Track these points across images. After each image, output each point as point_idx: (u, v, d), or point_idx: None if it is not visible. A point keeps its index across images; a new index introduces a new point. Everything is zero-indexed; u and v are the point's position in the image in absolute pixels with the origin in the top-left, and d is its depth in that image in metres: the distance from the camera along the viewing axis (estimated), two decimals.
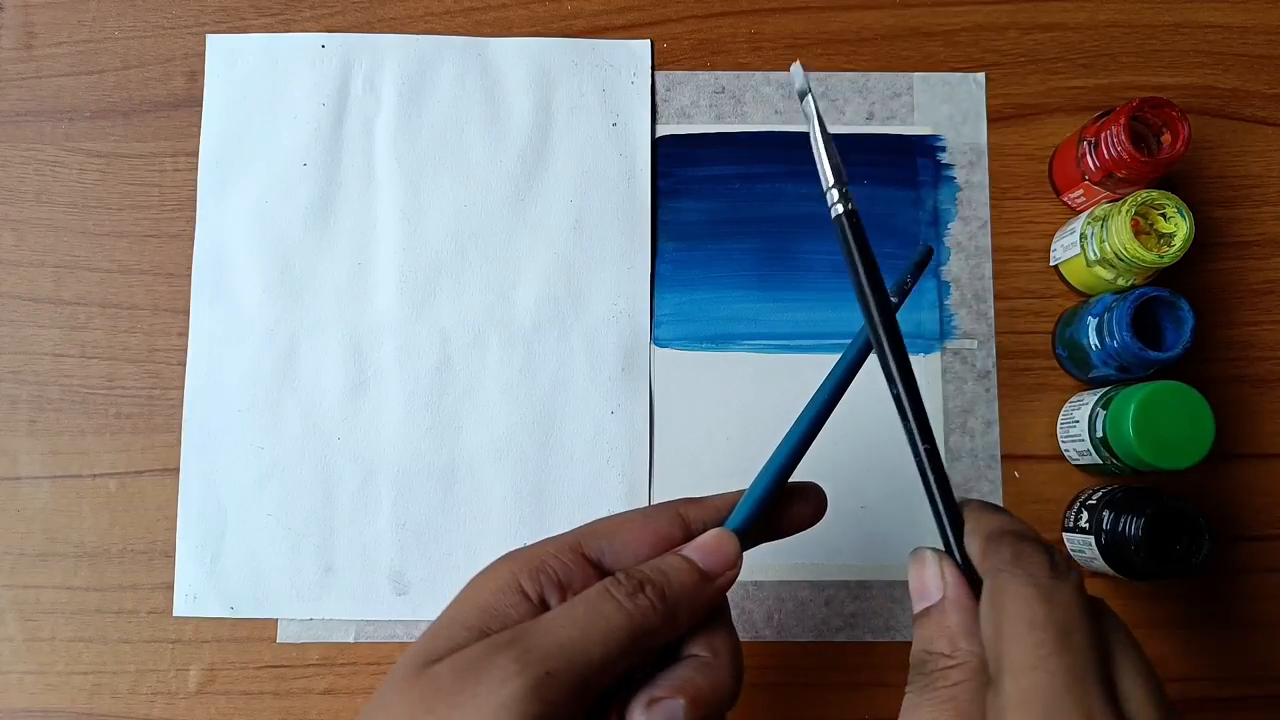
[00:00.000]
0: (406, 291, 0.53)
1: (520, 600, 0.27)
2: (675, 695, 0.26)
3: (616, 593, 0.27)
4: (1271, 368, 0.53)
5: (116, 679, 0.51)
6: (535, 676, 0.24)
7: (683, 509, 0.30)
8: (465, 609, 0.28)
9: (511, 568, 0.28)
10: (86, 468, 0.53)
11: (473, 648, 0.25)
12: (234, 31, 0.56)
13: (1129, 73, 0.55)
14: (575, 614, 0.26)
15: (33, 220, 0.54)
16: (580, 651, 0.25)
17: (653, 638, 0.27)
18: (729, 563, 0.29)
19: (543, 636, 0.25)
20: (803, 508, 0.32)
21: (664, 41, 0.56)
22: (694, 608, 0.28)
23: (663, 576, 0.28)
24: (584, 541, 0.29)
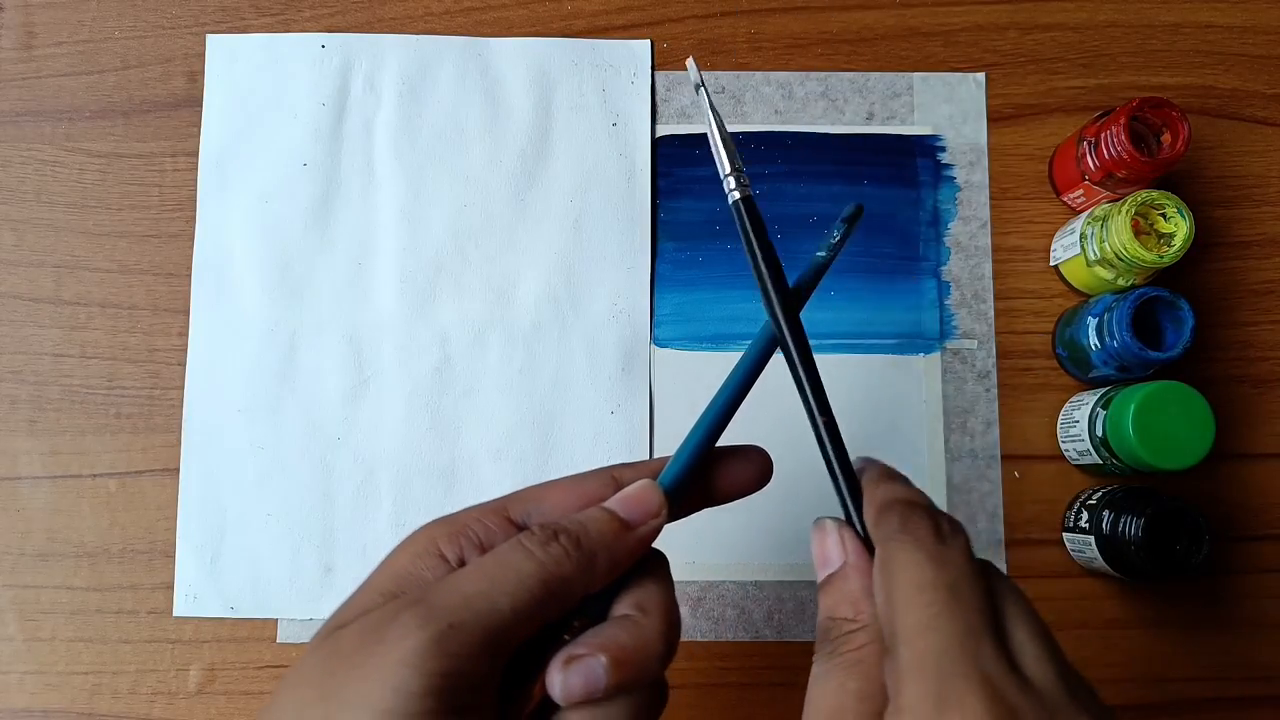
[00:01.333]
0: (406, 291, 0.53)
1: (438, 563, 0.26)
2: (596, 653, 0.25)
3: (528, 543, 0.26)
4: (1271, 368, 0.53)
5: (116, 679, 0.51)
6: (438, 629, 0.23)
7: (616, 472, 0.30)
8: (381, 575, 0.27)
9: (431, 532, 0.27)
10: (86, 468, 0.53)
11: (379, 609, 0.25)
12: (234, 31, 0.56)
13: (1129, 73, 0.55)
14: (484, 567, 0.25)
15: (33, 220, 0.54)
16: (487, 603, 0.24)
17: (568, 587, 0.26)
18: (651, 511, 0.28)
19: (448, 591, 0.24)
20: (742, 468, 0.31)
21: (664, 41, 0.56)
22: (614, 557, 0.27)
23: (579, 526, 0.27)
24: (510, 505, 0.29)
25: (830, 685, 0.25)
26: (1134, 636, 0.51)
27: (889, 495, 0.27)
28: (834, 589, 0.27)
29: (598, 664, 0.25)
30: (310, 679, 0.24)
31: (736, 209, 0.31)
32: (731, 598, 0.51)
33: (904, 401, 0.53)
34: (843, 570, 0.27)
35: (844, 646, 0.26)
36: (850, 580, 0.27)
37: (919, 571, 0.24)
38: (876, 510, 0.27)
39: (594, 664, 0.25)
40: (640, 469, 0.30)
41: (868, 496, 0.28)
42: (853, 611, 0.26)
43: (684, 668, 0.50)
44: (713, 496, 0.31)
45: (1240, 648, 0.51)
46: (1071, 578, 0.51)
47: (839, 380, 0.53)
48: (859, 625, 0.26)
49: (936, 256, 0.54)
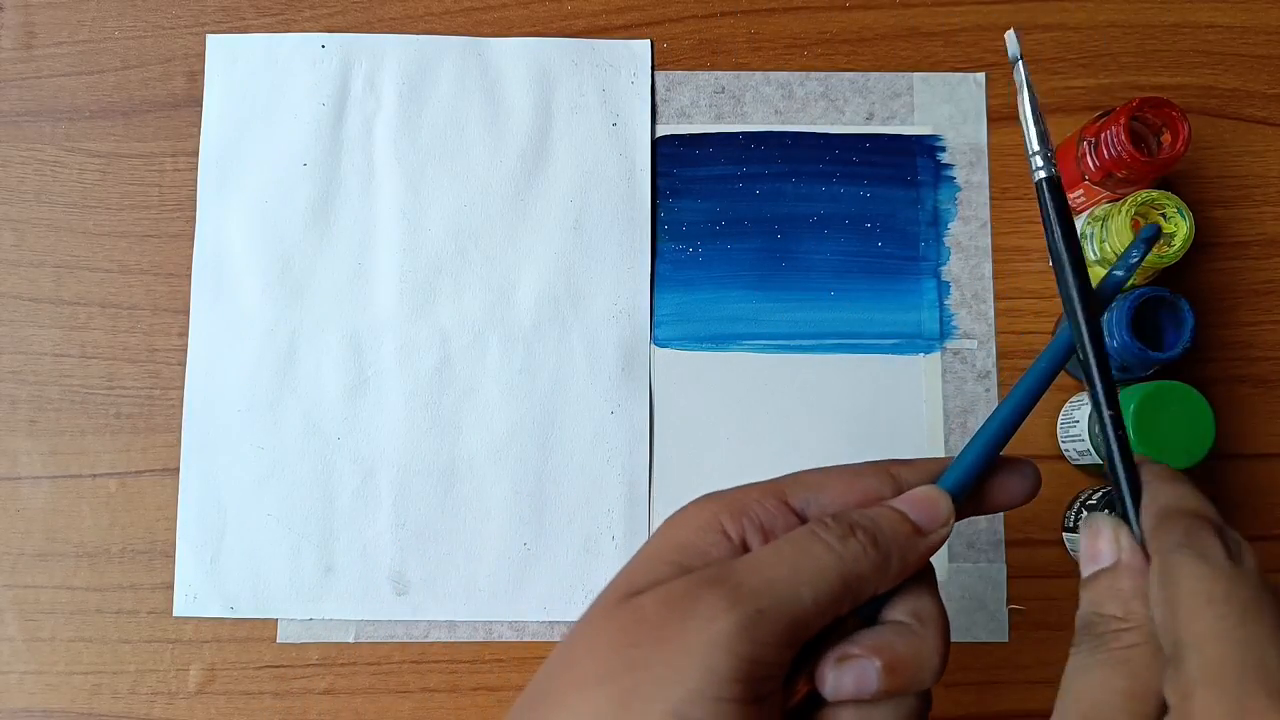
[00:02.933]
0: (406, 291, 0.53)
1: (722, 539, 0.26)
2: (871, 656, 0.25)
3: (826, 535, 0.25)
4: (1271, 368, 0.53)
5: (116, 679, 0.51)
6: (746, 614, 0.23)
7: (893, 468, 0.29)
8: (665, 545, 0.26)
9: (713, 507, 0.27)
10: (86, 468, 0.53)
11: (677, 581, 0.24)
12: (234, 31, 0.56)
13: (1129, 73, 0.55)
14: (784, 553, 0.25)
15: (33, 220, 0.54)
16: (790, 590, 0.24)
17: (862, 585, 0.25)
18: (941, 519, 0.27)
19: (751, 574, 0.24)
20: (1016, 481, 0.30)
21: (664, 41, 0.56)
22: (904, 561, 0.26)
23: (873, 523, 0.26)
24: (788, 490, 0.28)
25: (1095, 679, 0.24)
26: None
27: (1172, 502, 0.26)
28: (1102, 585, 0.26)
29: (871, 667, 0.25)
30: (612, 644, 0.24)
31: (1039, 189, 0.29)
32: None
33: (904, 401, 0.53)
34: (1115, 568, 0.26)
35: (1112, 643, 0.24)
36: (1122, 579, 0.25)
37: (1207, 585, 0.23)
38: (1156, 517, 0.25)
39: (867, 666, 0.25)
40: (919, 470, 0.29)
41: (1149, 498, 0.26)
42: (1123, 610, 0.25)
43: None
44: (982, 506, 0.30)
45: None
46: (1071, 578, 0.51)
47: (839, 380, 0.53)
48: (1129, 625, 0.25)
49: (936, 256, 0.54)
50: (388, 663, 0.51)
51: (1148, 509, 0.26)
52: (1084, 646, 0.25)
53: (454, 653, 0.51)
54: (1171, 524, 0.25)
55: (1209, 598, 0.23)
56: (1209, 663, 0.22)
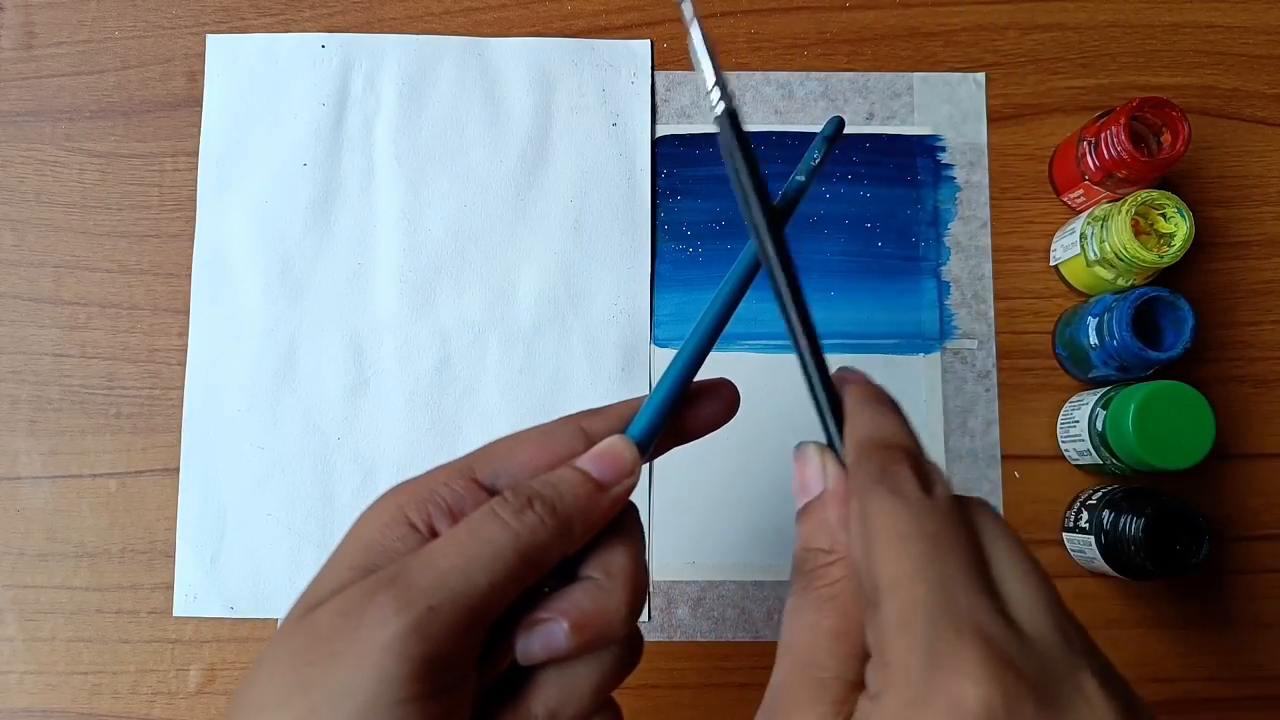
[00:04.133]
0: (406, 291, 0.53)
1: (408, 533, 0.25)
2: (557, 617, 0.25)
3: (502, 511, 0.25)
4: (1271, 368, 0.53)
5: (116, 679, 0.51)
6: (417, 614, 0.23)
7: (584, 422, 0.28)
8: (351, 547, 0.26)
9: (398, 499, 0.26)
10: (86, 468, 0.53)
11: (353, 589, 0.24)
12: (234, 31, 0.56)
13: (1129, 73, 0.55)
14: (459, 539, 0.24)
15: (33, 220, 0.54)
16: (464, 580, 0.23)
17: (544, 555, 0.25)
18: (625, 470, 0.27)
19: (424, 569, 0.24)
20: (711, 406, 0.30)
21: (664, 41, 0.56)
22: (589, 521, 0.26)
23: (553, 490, 0.26)
24: (476, 466, 0.27)
25: (804, 621, 0.24)
26: (1134, 636, 0.51)
27: (870, 432, 0.25)
28: (811, 517, 0.26)
29: (559, 628, 0.25)
30: (289, 665, 0.23)
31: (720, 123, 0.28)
32: (731, 598, 0.51)
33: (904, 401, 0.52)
34: (821, 498, 0.26)
35: (818, 581, 0.24)
36: (829, 509, 0.25)
37: (899, 521, 0.22)
38: (856, 449, 0.25)
39: (554, 628, 0.25)
40: (609, 416, 0.28)
41: (849, 426, 0.26)
42: (829, 542, 0.25)
43: (684, 668, 0.50)
44: (682, 436, 0.30)
45: (1240, 648, 0.51)
46: (1071, 578, 0.51)
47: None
48: (835, 558, 0.24)
49: (936, 256, 0.54)
50: None
51: (848, 439, 0.26)
52: (796, 585, 0.25)
53: None
54: (868, 457, 0.24)
55: (900, 535, 0.22)
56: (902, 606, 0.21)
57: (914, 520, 0.22)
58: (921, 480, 0.24)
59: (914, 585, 0.21)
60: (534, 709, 0.25)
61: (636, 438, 0.28)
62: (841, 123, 0.31)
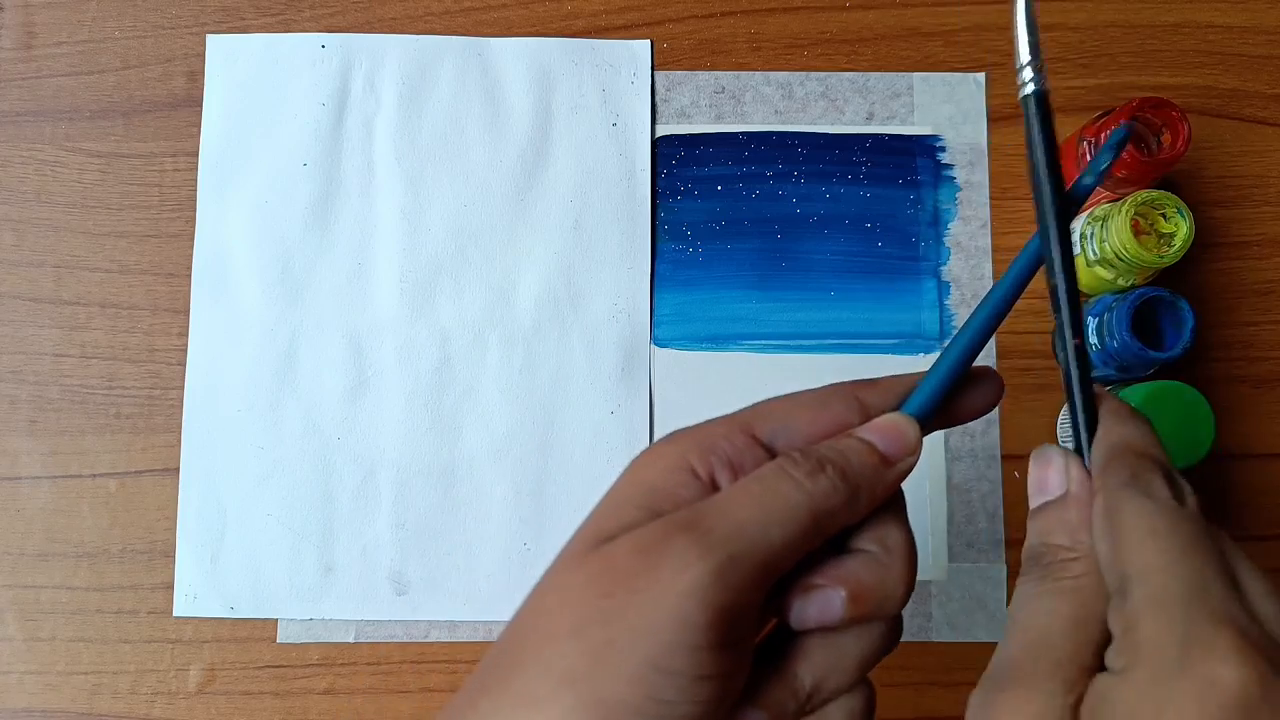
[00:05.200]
0: (406, 291, 0.53)
1: (690, 479, 0.26)
2: (836, 585, 0.25)
3: (795, 471, 0.25)
4: (1271, 368, 0.53)
5: (116, 679, 0.51)
6: (718, 561, 0.23)
7: (859, 392, 0.28)
8: (633, 488, 0.26)
9: (680, 447, 0.27)
10: (86, 468, 0.53)
11: (648, 527, 0.24)
12: (234, 31, 0.56)
13: (1129, 73, 0.55)
14: (753, 493, 0.25)
15: (33, 220, 0.54)
16: (761, 533, 0.24)
17: (832, 521, 0.25)
18: (909, 448, 0.27)
19: (721, 518, 0.24)
20: (982, 393, 0.30)
21: (664, 41, 0.56)
22: (873, 493, 0.26)
23: (842, 457, 0.26)
24: (755, 423, 0.27)
25: (1041, 607, 0.24)
26: None
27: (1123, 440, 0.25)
28: (1050, 516, 0.26)
29: (836, 596, 0.25)
30: (584, 595, 0.24)
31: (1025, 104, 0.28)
32: None
33: None
34: (1063, 499, 0.26)
35: (1060, 573, 0.24)
36: (1070, 510, 0.25)
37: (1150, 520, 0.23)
38: (1106, 454, 0.25)
39: (832, 595, 0.25)
40: (886, 390, 0.29)
41: (1101, 433, 0.26)
42: (1070, 540, 0.25)
43: None
44: (950, 420, 0.30)
45: None
46: None
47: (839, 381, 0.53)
48: (1077, 555, 0.25)
49: (936, 256, 0.54)
50: (388, 663, 0.51)
51: (1098, 445, 0.26)
52: (1031, 575, 0.25)
53: (454, 653, 0.51)
54: (1119, 461, 0.25)
55: (1152, 532, 0.23)
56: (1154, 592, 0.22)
57: (1166, 519, 0.23)
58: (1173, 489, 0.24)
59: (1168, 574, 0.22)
60: (800, 674, 0.26)
61: (916, 414, 0.28)
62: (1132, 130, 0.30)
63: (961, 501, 0.52)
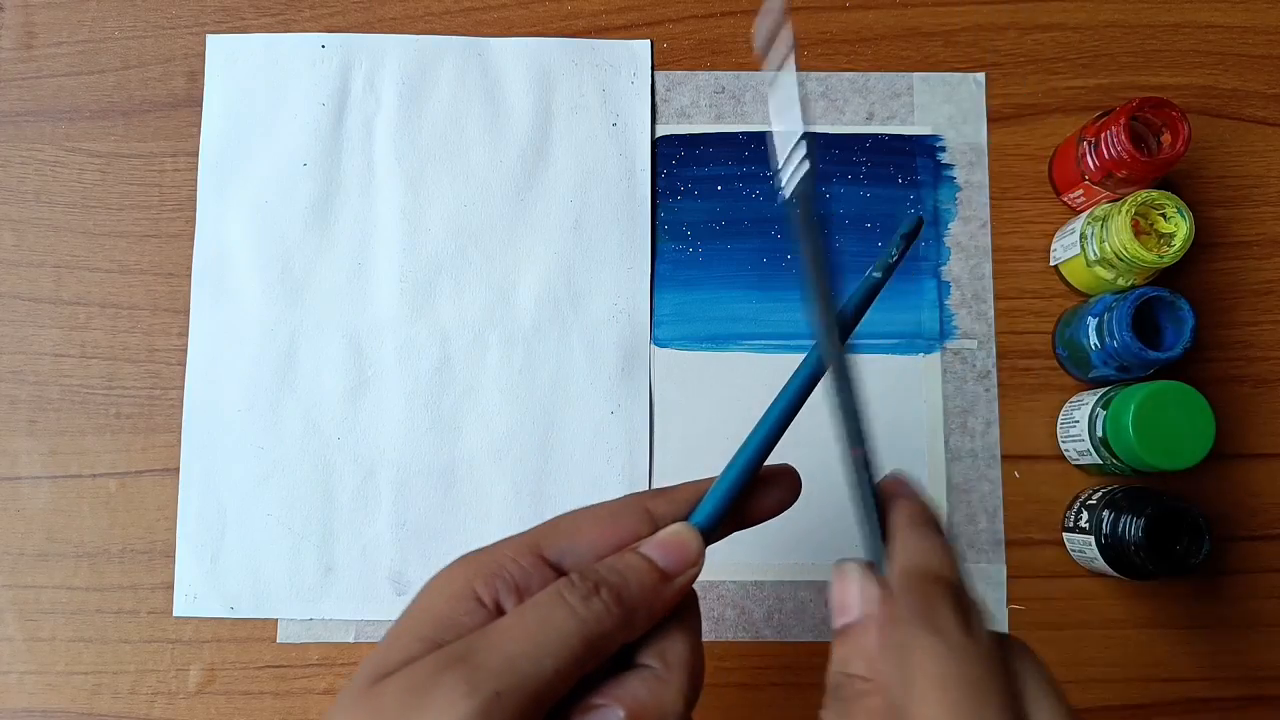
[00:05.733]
0: (406, 291, 0.53)
1: (475, 607, 0.26)
2: (613, 705, 0.25)
3: (570, 597, 0.25)
4: (1271, 368, 0.53)
5: (116, 679, 0.51)
6: (484, 699, 0.23)
7: (649, 503, 0.29)
8: (419, 618, 0.26)
9: (466, 572, 0.27)
10: (86, 468, 0.53)
11: (421, 663, 0.24)
12: (234, 31, 0.56)
13: (1129, 73, 0.55)
14: (526, 623, 0.25)
15: (33, 220, 0.54)
16: (531, 666, 0.24)
17: (608, 642, 0.25)
18: (690, 561, 0.27)
19: (491, 652, 0.24)
20: (774, 494, 0.30)
21: (664, 41, 0.56)
22: (652, 610, 0.26)
23: (619, 577, 0.26)
24: (543, 542, 0.28)
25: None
26: (1134, 636, 0.51)
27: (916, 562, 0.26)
28: (850, 642, 0.26)
29: (614, 715, 0.25)
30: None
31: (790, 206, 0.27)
32: (731, 598, 0.51)
33: (904, 401, 0.53)
34: (863, 624, 0.26)
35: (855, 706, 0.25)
36: (869, 636, 0.26)
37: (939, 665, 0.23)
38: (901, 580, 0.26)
39: (609, 715, 0.25)
40: (674, 500, 0.29)
41: (896, 549, 0.26)
42: (867, 670, 0.25)
43: None
44: (742, 523, 0.30)
45: (1240, 648, 0.51)
46: (1071, 578, 0.51)
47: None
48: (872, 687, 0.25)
49: (936, 256, 0.54)
50: None
51: (894, 565, 0.26)
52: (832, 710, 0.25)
53: None
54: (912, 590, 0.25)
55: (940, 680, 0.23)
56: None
57: (954, 664, 0.23)
58: (963, 619, 0.24)
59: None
60: None
61: (702, 525, 0.28)
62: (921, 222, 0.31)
63: (961, 501, 0.52)
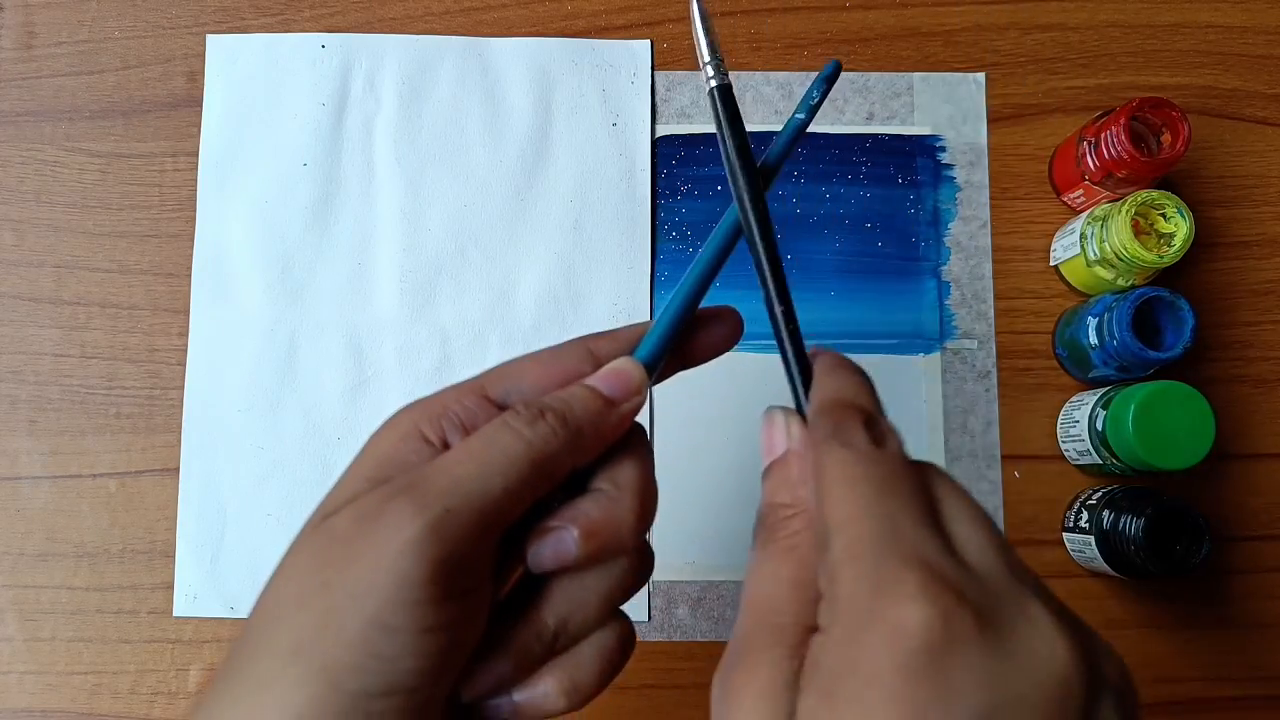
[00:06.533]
0: (406, 291, 0.53)
1: (422, 446, 0.26)
2: (567, 525, 0.26)
3: (515, 422, 0.26)
4: (1271, 368, 0.53)
5: (116, 679, 0.51)
6: (434, 515, 0.23)
7: (591, 344, 0.29)
8: (365, 461, 0.27)
9: (412, 416, 0.27)
10: (86, 468, 0.53)
11: (369, 495, 0.25)
12: (234, 31, 0.56)
13: (1129, 73, 0.55)
14: (472, 449, 0.25)
15: (33, 220, 0.54)
16: (479, 485, 0.24)
17: (556, 465, 0.26)
18: (634, 389, 0.28)
19: (439, 475, 0.24)
20: (717, 330, 0.31)
21: (664, 41, 0.56)
22: (599, 434, 0.27)
23: (564, 404, 0.27)
24: (488, 384, 0.28)
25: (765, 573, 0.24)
26: (1134, 636, 0.51)
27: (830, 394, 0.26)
28: (775, 475, 0.26)
29: (568, 535, 0.26)
30: (308, 568, 0.24)
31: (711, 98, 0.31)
32: (731, 598, 0.51)
33: (904, 401, 0.53)
34: (785, 456, 0.26)
35: (779, 533, 0.25)
36: (791, 467, 0.26)
37: (848, 469, 0.23)
38: (815, 411, 0.26)
39: (564, 535, 0.26)
40: (617, 339, 0.30)
41: (815, 390, 0.27)
42: (790, 497, 0.25)
43: (684, 668, 0.50)
44: (688, 361, 0.31)
45: (1240, 648, 0.51)
46: (1071, 578, 0.51)
47: None
48: (795, 511, 0.25)
49: (936, 256, 0.54)
50: None
51: (811, 400, 0.27)
52: (758, 540, 0.25)
53: None
54: (825, 416, 0.25)
55: (848, 480, 0.23)
56: (850, 542, 0.22)
57: (861, 466, 0.23)
58: (873, 434, 0.24)
59: (860, 522, 0.22)
60: (545, 617, 0.26)
61: (644, 359, 0.29)
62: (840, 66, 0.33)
63: None
